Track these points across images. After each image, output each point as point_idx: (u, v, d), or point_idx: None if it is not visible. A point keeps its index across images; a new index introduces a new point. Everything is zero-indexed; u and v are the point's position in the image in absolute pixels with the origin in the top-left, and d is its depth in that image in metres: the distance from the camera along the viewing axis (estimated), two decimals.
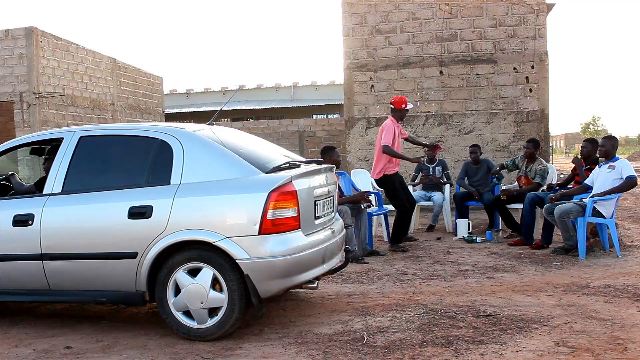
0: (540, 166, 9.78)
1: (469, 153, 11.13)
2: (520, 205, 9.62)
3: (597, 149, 8.71)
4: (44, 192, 5.51)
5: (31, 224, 5.34)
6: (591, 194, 8.18)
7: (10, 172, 6.67)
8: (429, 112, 14.30)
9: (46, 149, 6.47)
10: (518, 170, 10.10)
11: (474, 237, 9.55)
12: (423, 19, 14.32)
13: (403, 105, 9.11)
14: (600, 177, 8.23)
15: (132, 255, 5.00)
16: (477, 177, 10.68)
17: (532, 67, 13.94)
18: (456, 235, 9.99)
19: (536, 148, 9.93)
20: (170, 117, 29.63)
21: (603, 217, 8.07)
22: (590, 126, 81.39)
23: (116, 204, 5.15)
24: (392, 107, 9.20)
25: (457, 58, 14.23)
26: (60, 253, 5.26)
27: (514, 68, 14.00)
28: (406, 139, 9.73)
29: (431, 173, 10.97)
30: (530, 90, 13.98)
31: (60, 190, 5.40)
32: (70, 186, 5.42)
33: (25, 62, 18.03)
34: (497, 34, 14.02)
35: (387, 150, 8.88)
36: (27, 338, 5.30)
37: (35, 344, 5.13)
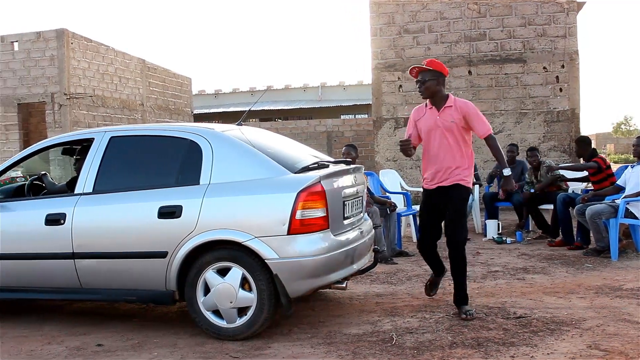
0: (545, 166, 9.76)
1: (506, 152, 11.04)
2: (550, 206, 9.53)
3: (588, 146, 9.14)
4: (75, 192, 5.57)
5: (63, 223, 5.40)
6: (624, 195, 8.07)
7: (43, 172, 6.76)
8: None
9: (77, 150, 6.54)
10: (534, 183, 9.99)
11: (503, 238, 9.47)
12: (451, 19, 14.25)
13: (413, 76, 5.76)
14: (633, 178, 8.11)
15: (162, 255, 5.03)
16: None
17: (562, 67, 13.80)
18: (485, 236, 9.91)
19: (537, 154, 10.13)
20: (198, 118, 29.83)
21: (636, 218, 7.94)
22: (622, 126, 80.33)
23: (146, 204, 5.18)
24: None
25: (486, 58, 14.13)
26: (91, 252, 5.32)
27: (544, 67, 13.87)
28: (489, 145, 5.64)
29: None
30: (561, 89, 13.84)
31: (91, 190, 5.45)
32: (101, 186, 5.47)
33: (56, 64, 18.29)
34: (527, 33, 13.90)
35: None
36: (59, 335, 5.36)
37: (67, 341, 5.19)
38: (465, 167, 5.56)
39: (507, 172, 5.56)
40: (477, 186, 10.86)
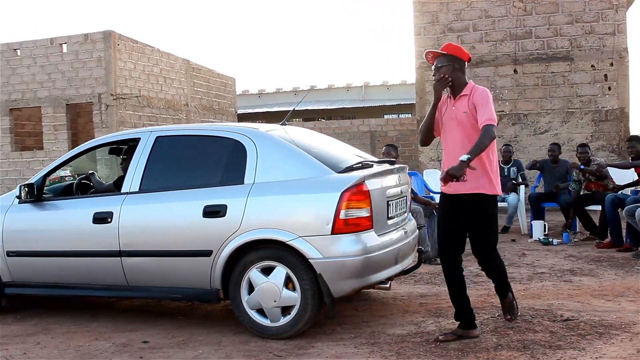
0: (595, 164, 9.56)
1: (547, 151, 10.85)
2: (598, 207, 9.36)
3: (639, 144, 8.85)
4: (122, 191, 5.65)
5: (110, 222, 5.48)
6: None
7: (91, 172, 6.87)
8: (503, 111, 14.05)
9: (123, 149, 6.64)
10: (582, 182, 9.81)
11: (550, 239, 9.32)
12: (496, 17, 14.09)
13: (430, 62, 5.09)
14: None
15: (207, 253, 5.07)
16: (554, 177, 10.43)
17: (611, 64, 13.54)
18: (531, 237, 9.77)
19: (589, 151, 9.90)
20: (242, 118, 30.03)
21: None
22: None
23: (191, 203, 5.23)
24: None
25: (532, 56, 13.94)
26: (137, 250, 5.39)
27: (592, 65, 13.62)
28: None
29: (505, 174, 10.74)
30: (609, 88, 13.58)
31: (137, 189, 5.52)
32: (147, 185, 5.54)
33: (103, 65, 18.58)
34: (574, 31, 13.68)
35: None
36: (106, 332, 5.45)
37: (114, 337, 5.27)
38: (482, 169, 4.64)
39: (464, 157, 4.36)
40: (522, 186, 10.72)
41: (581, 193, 9.83)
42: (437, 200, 8.84)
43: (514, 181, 10.67)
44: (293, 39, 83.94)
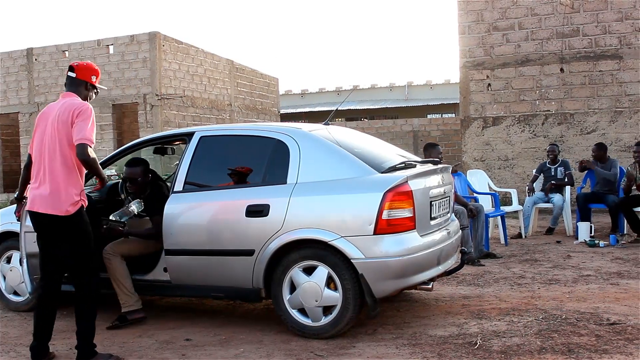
0: None
1: (592, 152, 10.60)
2: None
3: None
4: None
5: None
6: None
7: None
8: (549, 110, 13.84)
9: (168, 148, 6.68)
10: (636, 179, 9.58)
11: (596, 241, 9.14)
12: (543, 15, 13.88)
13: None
14: None
15: (249, 253, 5.10)
16: (601, 177, 10.21)
17: None
18: (577, 238, 9.60)
19: None
20: (285, 117, 30.15)
21: None
22: None
23: (234, 202, 5.27)
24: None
25: (579, 54, 13.70)
26: (181, 249, 5.44)
27: None
28: None
29: (552, 174, 10.56)
30: None
31: (181, 189, 5.56)
32: (191, 184, 5.58)
33: (148, 66, 18.84)
34: (623, 29, 13.39)
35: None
36: (150, 329, 5.52)
37: (157, 335, 5.33)
38: None
39: None
40: (568, 187, 10.52)
41: (631, 194, 9.62)
42: (480, 201, 8.82)
43: (553, 182, 10.43)
44: (336, 39, 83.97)
